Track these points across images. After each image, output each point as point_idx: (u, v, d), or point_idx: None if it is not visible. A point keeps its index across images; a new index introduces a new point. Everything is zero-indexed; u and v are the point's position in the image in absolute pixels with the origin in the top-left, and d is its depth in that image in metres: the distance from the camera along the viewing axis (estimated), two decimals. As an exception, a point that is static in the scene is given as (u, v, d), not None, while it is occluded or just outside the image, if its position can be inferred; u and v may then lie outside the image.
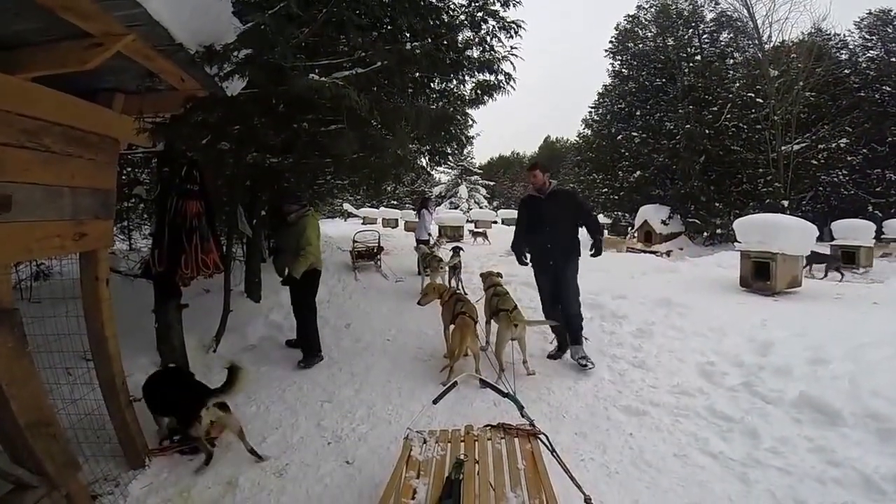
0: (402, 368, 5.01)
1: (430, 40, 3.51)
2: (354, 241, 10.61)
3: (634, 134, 23.00)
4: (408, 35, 3.59)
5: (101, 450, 3.25)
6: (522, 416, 2.67)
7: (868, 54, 24.04)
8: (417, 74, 4.03)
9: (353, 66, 3.17)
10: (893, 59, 22.92)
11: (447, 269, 8.09)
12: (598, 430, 3.70)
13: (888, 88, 22.13)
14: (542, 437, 2.54)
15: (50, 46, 2.49)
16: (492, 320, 5.20)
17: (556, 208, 4.97)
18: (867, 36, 24.28)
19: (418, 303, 5.56)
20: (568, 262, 4.99)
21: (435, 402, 2.91)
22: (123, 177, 7.38)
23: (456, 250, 9.01)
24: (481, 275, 6.18)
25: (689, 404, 3.99)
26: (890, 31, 23.84)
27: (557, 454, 2.38)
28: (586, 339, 5.17)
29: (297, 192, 6.10)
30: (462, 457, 2.34)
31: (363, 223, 24.92)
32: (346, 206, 30.81)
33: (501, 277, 5.88)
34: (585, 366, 4.73)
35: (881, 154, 21.60)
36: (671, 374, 4.58)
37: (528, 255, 5.24)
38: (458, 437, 2.68)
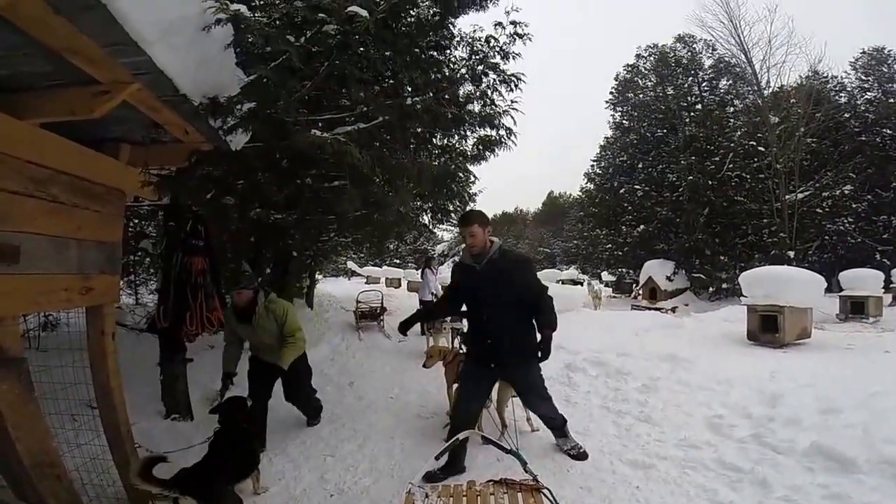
0: (404, 425, 4.94)
1: (431, 94, 3.59)
2: (358, 302, 10.67)
3: (637, 187, 23.13)
4: (409, 89, 3.70)
5: (105, 492, 3.26)
6: (526, 472, 2.59)
7: (866, 96, 24.04)
8: (420, 130, 4.16)
9: (356, 120, 3.28)
10: (892, 101, 22.89)
11: (450, 329, 8.04)
12: (603, 483, 3.58)
13: (888, 132, 21.96)
14: (545, 491, 2.45)
15: (57, 92, 2.54)
16: None
17: (498, 285, 3.48)
18: (863, 77, 24.36)
19: (423, 365, 5.46)
20: (522, 369, 3.76)
21: (437, 457, 2.85)
22: (130, 229, 7.57)
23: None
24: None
25: (696, 457, 3.87)
26: (885, 70, 23.97)
27: (561, 508, 2.29)
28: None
29: (247, 272, 5.43)
30: None
31: (366, 282, 24.91)
32: (351, 264, 30.96)
33: None
34: (578, 456, 4.00)
35: (886, 200, 21.22)
36: (678, 427, 4.47)
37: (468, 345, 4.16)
38: (461, 492, 2.59)
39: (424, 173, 4.00)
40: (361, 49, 3.26)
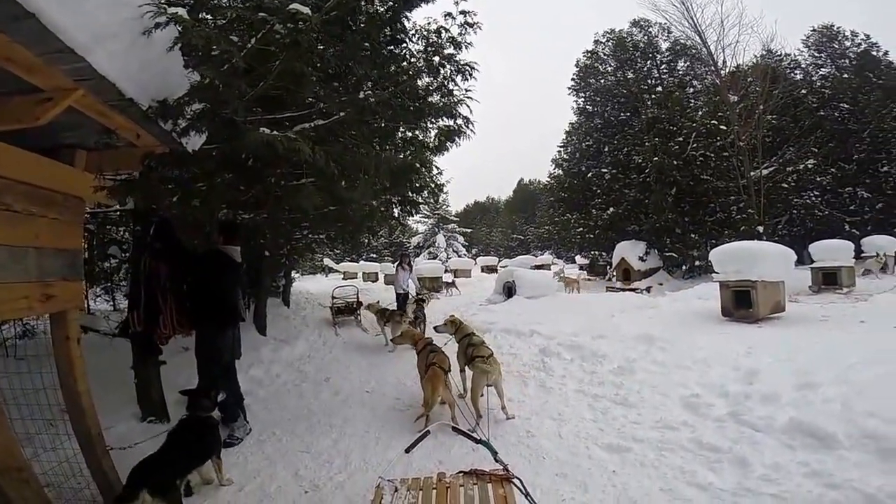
0: (380, 419, 4.95)
1: (391, 88, 3.60)
2: (334, 297, 10.60)
3: (604, 170, 23.38)
4: (369, 85, 3.68)
5: (82, 495, 3.28)
6: (496, 461, 2.61)
7: (820, 72, 25.19)
8: (383, 124, 4.14)
9: (314, 118, 3.24)
10: (846, 76, 23.88)
11: (406, 321, 8.05)
12: (579, 469, 3.63)
13: (846, 105, 22.92)
14: (515, 481, 2.48)
15: (1, 101, 2.52)
16: (466, 368, 5.15)
17: None
18: (816, 54, 25.53)
19: (392, 340, 5.51)
20: None
21: (407, 450, 2.84)
22: (100, 235, 7.40)
23: (419, 303, 9.14)
24: (447, 321, 5.87)
25: (674, 438, 3.93)
26: (836, 46, 25.04)
27: (532, 497, 2.31)
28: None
29: None
30: None
31: (343, 278, 24.78)
32: (327, 261, 30.64)
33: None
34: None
35: (849, 172, 22.04)
36: (654, 408, 4.55)
37: None
38: (431, 485, 2.61)
39: (382, 167, 3.99)
40: (321, 47, 3.22)
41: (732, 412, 4.17)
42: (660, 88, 24.50)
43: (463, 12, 3.63)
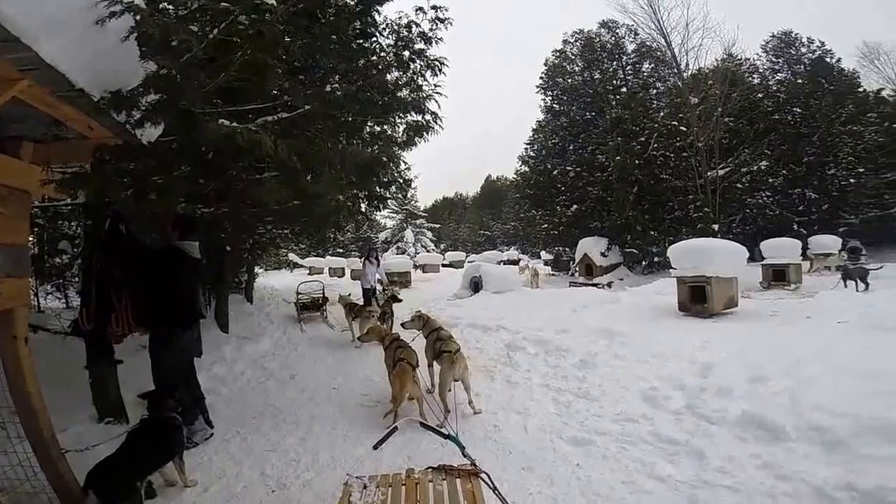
0: (348, 415, 4.90)
1: (359, 82, 3.55)
2: (299, 293, 10.42)
3: (569, 168, 23.93)
4: (336, 78, 3.63)
5: (38, 499, 3.17)
6: (464, 456, 2.63)
7: (777, 77, 26.29)
8: (350, 118, 4.08)
9: (279, 110, 3.17)
10: (800, 81, 25.06)
11: (375, 317, 7.99)
12: (545, 463, 3.69)
13: (798, 110, 24.09)
14: (483, 475, 2.50)
15: None
16: (434, 363, 5.18)
17: None
18: (773, 59, 26.61)
19: (358, 338, 5.48)
20: None
21: (376, 447, 2.81)
22: (52, 230, 7.07)
23: (391, 300, 9.09)
24: (414, 317, 5.88)
25: (634, 430, 4.05)
26: (793, 52, 26.21)
27: (500, 492, 2.33)
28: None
29: None
30: None
31: (309, 273, 24.39)
32: (292, 256, 30.12)
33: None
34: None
35: (799, 174, 23.20)
36: (615, 402, 4.66)
37: None
38: (399, 481, 2.60)
39: (348, 161, 3.94)
40: (287, 39, 3.15)
41: (689, 405, 4.30)
42: (624, 89, 25.08)
43: (434, 7, 3.63)
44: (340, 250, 36.91)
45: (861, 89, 25.09)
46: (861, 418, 3.42)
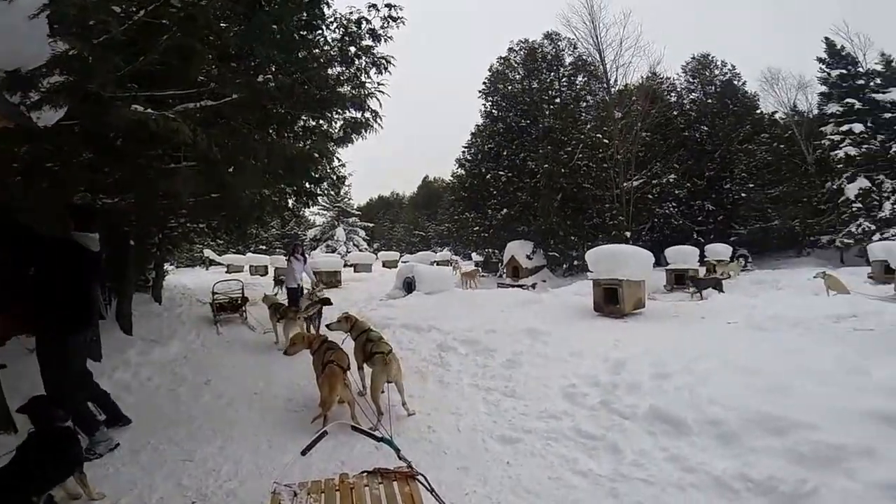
0: (271, 422, 4.67)
1: (297, 75, 3.41)
2: (215, 293, 9.74)
3: (501, 173, 24.74)
4: (272, 69, 3.44)
5: None
6: (400, 459, 2.58)
7: (691, 96, 28.81)
8: (282, 110, 3.89)
9: (204, 98, 2.94)
10: (710, 101, 27.65)
11: (301, 320, 7.71)
12: (478, 462, 3.73)
13: (706, 128, 26.72)
14: (420, 477, 2.46)
15: None
16: (365, 365, 5.05)
17: None
18: (691, 79, 29.07)
19: (285, 352, 5.26)
20: None
21: (304, 452, 2.67)
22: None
23: (322, 303, 8.70)
24: (341, 318, 5.62)
25: (557, 427, 4.20)
26: (707, 74, 28.71)
27: (437, 494, 2.32)
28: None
29: None
30: None
31: (227, 271, 22.97)
32: (208, 252, 28.45)
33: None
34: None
35: (701, 187, 25.79)
36: (539, 399, 4.82)
37: None
38: (333, 487, 2.50)
39: (276, 154, 3.76)
40: (222, 25, 2.94)
41: (604, 401, 4.51)
42: (558, 100, 26.12)
43: (388, 5, 3.56)
44: (263, 247, 35.43)
45: (759, 111, 28.04)
46: (749, 412, 3.74)
